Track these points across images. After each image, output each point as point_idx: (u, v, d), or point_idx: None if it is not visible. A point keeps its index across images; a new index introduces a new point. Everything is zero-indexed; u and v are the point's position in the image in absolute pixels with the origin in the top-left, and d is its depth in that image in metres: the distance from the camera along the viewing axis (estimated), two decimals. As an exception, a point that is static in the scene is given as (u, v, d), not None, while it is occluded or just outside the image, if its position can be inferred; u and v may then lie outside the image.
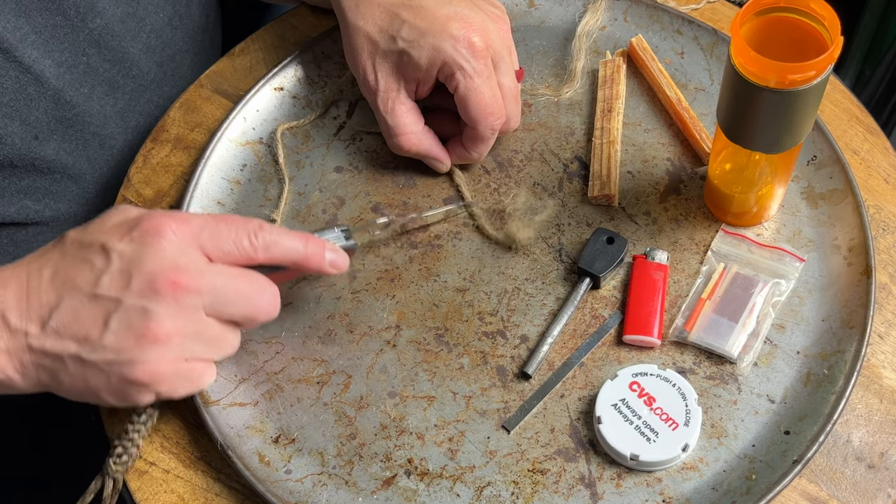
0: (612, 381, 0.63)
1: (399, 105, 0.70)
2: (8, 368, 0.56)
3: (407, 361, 0.67)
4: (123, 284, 0.55)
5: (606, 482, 0.62)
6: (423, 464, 0.63)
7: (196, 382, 0.59)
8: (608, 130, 0.74)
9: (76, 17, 0.70)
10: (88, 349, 0.55)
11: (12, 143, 0.69)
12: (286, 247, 0.60)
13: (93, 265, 0.56)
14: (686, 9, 0.81)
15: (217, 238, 0.58)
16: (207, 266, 0.57)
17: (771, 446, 0.62)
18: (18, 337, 0.56)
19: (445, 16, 0.68)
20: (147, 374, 0.56)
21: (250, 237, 0.58)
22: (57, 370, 0.56)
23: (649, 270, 0.68)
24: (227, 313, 0.58)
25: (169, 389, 0.57)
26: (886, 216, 0.71)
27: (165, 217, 0.57)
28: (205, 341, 0.57)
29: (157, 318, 0.55)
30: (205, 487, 0.64)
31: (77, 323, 0.55)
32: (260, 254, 0.59)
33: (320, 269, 0.62)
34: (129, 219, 0.58)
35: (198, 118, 0.78)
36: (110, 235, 0.57)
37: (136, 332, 0.55)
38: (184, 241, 0.56)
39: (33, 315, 0.56)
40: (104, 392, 0.57)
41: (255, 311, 0.59)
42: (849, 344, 0.65)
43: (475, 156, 0.72)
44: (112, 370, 0.56)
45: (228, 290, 0.57)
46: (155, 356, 0.55)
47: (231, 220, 0.59)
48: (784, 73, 0.56)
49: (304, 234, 0.61)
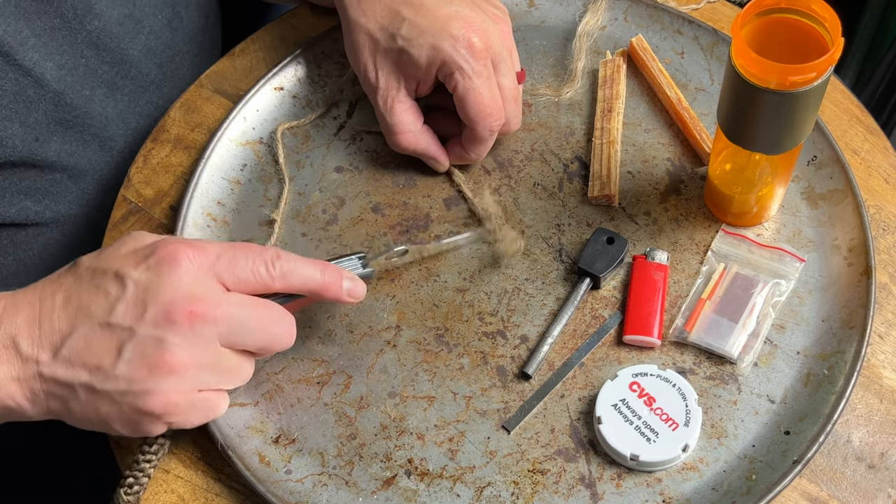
0: (612, 382, 0.63)
1: (398, 103, 0.70)
2: (18, 396, 0.55)
3: (407, 361, 0.67)
4: (138, 314, 0.54)
5: (606, 482, 0.62)
6: (423, 464, 0.63)
7: (209, 413, 0.58)
8: (608, 130, 0.74)
9: (74, 19, 0.70)
10: (101, 378, 0.54)
11: (13, 144, 0.69)
12: (303, 276, 0.59)
13: (107, 293, 0.55)
14: (686, 9, 0.81)
15: (234, 266, 0.56)
16: (224, 295, 0.56)
17: (771, 446, 0.62)
18: (30, 364, 0.55)
19: (446, 15, 0.68)
20: (160, 405, 0.55)
21: (267, 266, 0.57)
22: (67, 399, 0.55)
23: (649, 270, 0.68)
24: (242, 343, 0.57)
25: (182, 420, 0.56)
26: (886, 216, 0.71)
27: (181, 244, 0.56)
28: (219, 372, 0.56)
29: (172, 348, 0.54)
30: (205, 487, 0.64)
31: (89, 352, 0.54)
32: (277, 283, 0.58)
33: (338, 297, 0.61)
34: (145, 245, 0.57)
35: (198, 118, 0.78)
36: (125, 263, 0.56)
37: (150, 363, 0.54)
38: (200, 269, 0.55)
39: (45, 342, 0.55)
40: (115, 422, 0.56)
41: (271, 341, 0.58)
42: (849, 344, 0.65)
43: (474, 156, 0.72)
44: (124, 400, 0.54)
45: (245, 320, 0.56)
46: (168, 387, 0.54)
47: (248, 249, 0.58)
48: (785, 75, 0.56)
49: (322, 263, 0.60)
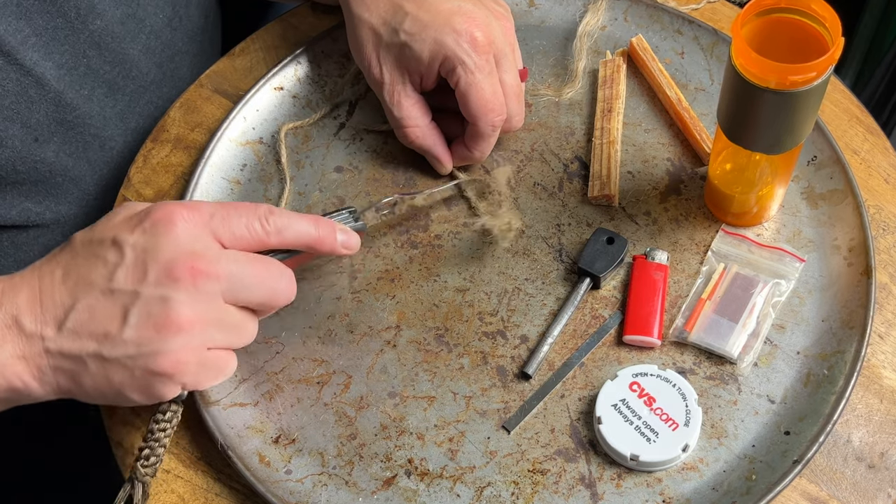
0: (612, 382, 0.63)
1: (405, 98, 0.71)
2: (25, 375, 0.55)
3: (407, 361, 0.67)
4: (140, 276, 0.54)
5: (606, 482, 0.62)
6: (423, 464, 0.63)
7: (220, 371, 0.58)
8: (608, 130, 0.74)
9: (76, 19, 0.70)
10: (109, 346, 0.54)
11: (13, 145, 0.69)
12: (298, 230, 0.59)
13: (106, 260, 0.55)
14: (686, 9, 0.81)
15: (229, 223, 0.57)
16: (223, 252, 0.56)
17: (771, 446, 0.62)
18: (34, 341, 0.54)
19: (449, 10, 0.68)
20: (171, 365, 0.54)
21: (262, 221, 0.58)
22: (77, 372, 0.55)
23: (649, 270, 0.68)
24: (245, 299, 0.57)
25: (193, 380, 0.56)
26: (886, 216, 0.71)
27: (175, 205, 0.56)
28: (226, 328, 0.56)
29: (178, 305, 0.54)
30: (205, 487, 0.64)
31: (94, 320, 0.54)
32: (272, 237, 0.58)
33: (333, 250, 0.61)
34: (138, 212, 0.57)
35: (198, 118, 0.78)
36: (120, 229, 0.56)
37: (157, 322, 0.54)
38: (196, 227, 0.56)
39: (48, 317, 0.55)
40: (128, 389, 0.55)
41: (272, 296, 0.58)
42: (849, 344, 0.65)
43: (477, 154, 0.72)
44: (135, 364, 0.54)
45: (245, 275, 0.56)
46: (178, 345, 0.54)
47: (241, 206, 0.58)
48: (785, 75, 0.56)
49: (315, 217, 0.61)
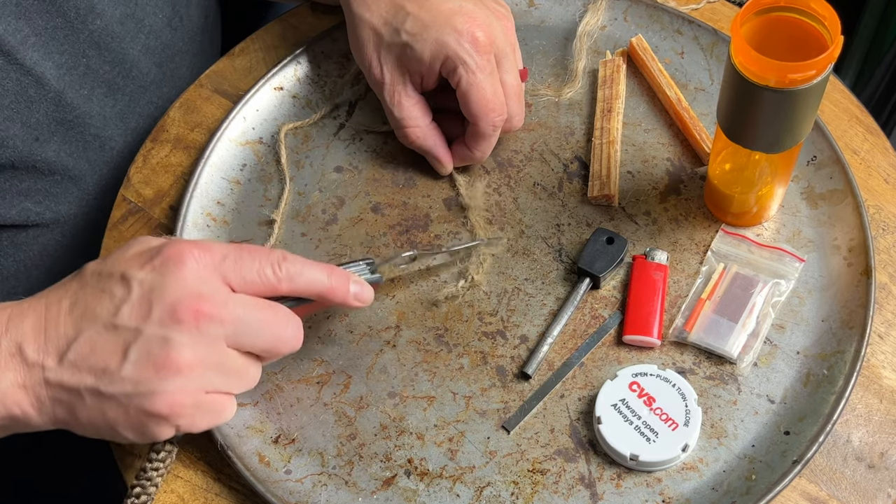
0: (612, 382, 0.63)
1: (406, 98, 0.71)
2: (24, 403, 0.55)
3: (407, 361, 0.67)
4: (144, 314, 0.54)
5: (606, 482, 0.62)
6: (423, 464, 0.63)
7: (217, 416, 0.57)
8: (608, 130, 0.74)
9: (76, 18, 0.70)
10: (107, 381, 0.54)
11: (13, 145, 0.69)
12: (310, 278, 0.58)
13: (112, 295, 0.55)
14: (686, 9, 0.81)
15: (240, 267, 0.56)
16: (230, 296, 0.55)
17: (771, 446, 0.62)
18: (35, 371, 0.54)
19: (450, 10, 0.68)
20: (167, 406, 0.54)
21: (274, 267, 0.57)
22: (74, 405, 0.55)
23: (649, 270, 0.68)
24: (249, 344, 0.56)
25: (189, 423, 0.55)
26: (886, 216, 0.71)
27: (187, 245, 0.55)
28: (226, 373, 0.56)
29: (178, 347, 0.53)
30: (205, 487, 0.64)
31: (95, 355, 0.54)
32: (283, 285, 0.57)
33: (345, 301, 0.60)
34: (150, 248, 0.56)
35: (198, 118, 0.78)
36: (131, 265, 0.55)
37: (157, 362, 0.53)
38: (206, 269, 0.55)
39: (51, 348, 0.54)
40: (122, 427, 0.55)
41: (277, 343, 0.57)
42: (849, 344, 0.64)
43: (478, 154, 0.72)
44: (131, 403, 0.54)
45: (251, 321, 0.55)
46: (175, 387, 0.53)
47: (254, 250, 0.57)
48: (784, 73, 0.56)
49: (329, 266, 0.60)
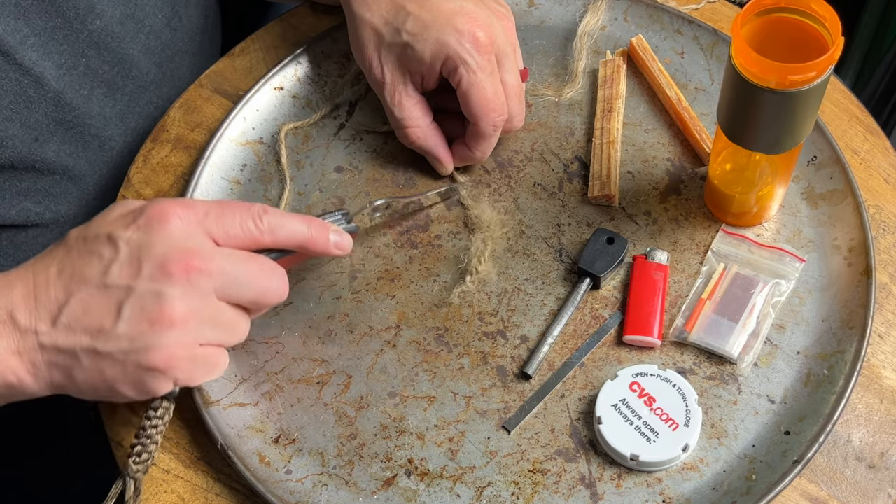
0: (613, 382, 0.63)
1: (406, 98, 0.71)
2: (20, 370, 0.55)
3: (407, 361, 0.67)
4: (134, 271, 0.55)
5: (606, 482, 0.62)
6: (423, 464, 0.63)
7: (212, 368, 0.58)
8: (608, 130, 0.74)
9: (75, 18, 0.70)
10: (103, 340, 0.55)
11: (13, 145, 0.69)
12: (291, 229, 0.60)
13: (101, 256, 0.56)
14: (686, 9, 0.81)
15: (223, 221, 0.57)
16: (216, 249, 0.57)
17: (771, 446, 0.62)
18: (29, 336, 0.55)
19: (451, 10, 0.68)
20: (163, 360, 0.55)
21: (255, 220, 0.58)
22: (71, 367, 0.55)
23: (649, 270, 0.68)
24: (237, 296, 0.57)
25: (186, 376, 0.57)
26: (886, 216, 0.71)
27: (170, 203, 0.57)
28: (218, 326, 0.57)
29: (171, 300, 0.54)
30: (205, 487, 0.64)
31: (88, 315, 0.55)
32: (266, 236, 0.59)
33: (325, 250, 0.62)
34: (133, 209, 0.58)
35: (198, 118, 0.78)
36: (115, 226, 0.57)
37: (151, 317, 0.54)
38: (190, 225, 0.56)
39: (42, 312, 0.55)
40: (121, 384, 0.56)
41: (265, 294, 0.59)
42: (849, 344, 0.65)
43: (478, 154, 0.72)
44: (128, 359, 0.55)
45: (239, 273, 0.57)
46: (170, 340, 0.55)
47: (235, 205, 0.59)
48: (784, 74, 0.56)
49: (308, 217, 0.62)
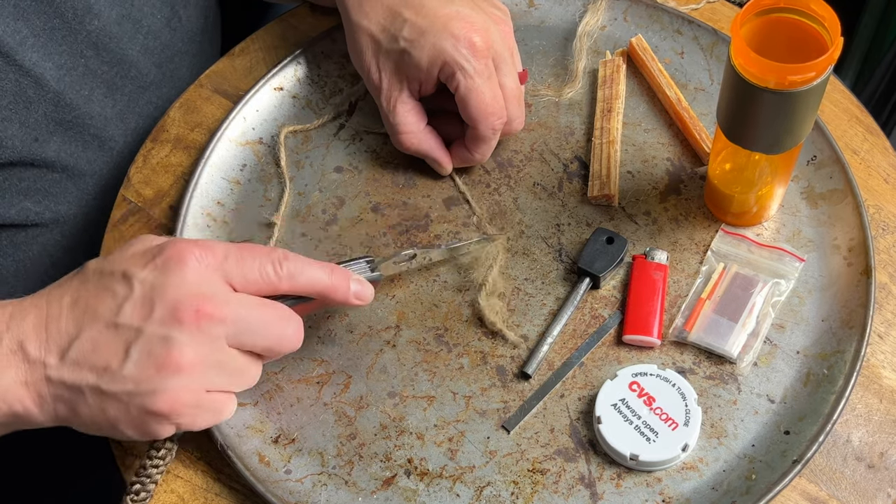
0: (612, 381, 0.63)
1: (401, 104, 0.71)
2: (26, 400, 0.55)
3: (407, 361, 0.67)
4: (146, 313, 0.54)
5: (606, 482, 0.62)
6: (423, 464, 0.63)
7: (217, 414, 0.57)
8: (608, 130, 0.74)
9: (74, 19, 0.70)
10: (108, 379, 0.54)
11: (12, 145, 0.69)
12: (311, 277, 0.59)
13: (114, 293, 0.55)
14: (686, 9, 0.81)
15: (242, 266, 0.56)
16: (231, 295, 0.56)
17: (771, 446, 0.62)
18: (37, 368, 0.55)
19: (447, 15, 0.68)
20: (167, 405, 0.54)
21: (275, 266, 0.57)
22: (75, 402, 0.55)
23: (649, 270, 0.68)
24: (249, 343, 0.56)
25: (189, 421, 0.56)
26: (886, 216, 0.71)
27: (189, 244, 0.56)
28: (227, 372, 0.56)
29: (179, 346, 0.53)
30: (205, 487, 0.64)
31: (96, 353, 0.54)
32: (284, 283, 0.58)
33: (345, 300, 0.61)
34: (152, 247, 0.57)
35: (198, 118, 0.78)
36: (132, 263, 0.56)
37: (158, 361, 0.53)
38: (208, 269, 0.55)
39: (52, 345, 0.55)
40: (123, 424, 0.55)
41: (278, 342, 0.57)
42: (849, 344, 0.65)
43: (478, 157, 0.72)
44: (132, 401, 0.54)
45: (252, 320, 0.56)
46: (176, 386, 0.54)
47: (255, 249, 0.58)
48: (784, 74, 0.56)
49: (329, 265, 0.60)
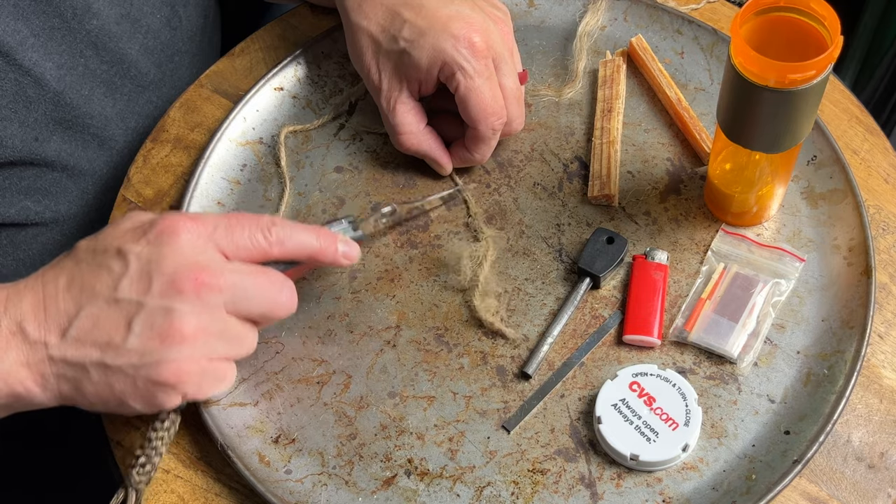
0: (612, 381, 0.63)
1: (401, 104, 0.71)
2: (28, 381, 0.55)
3: (407, 361, 0.67)
4: (144, 286, 0.55)
5: (606, 482, 0.62)
6: (423, 464, 0.63)
7: (220, 381, 0.58)
8: (608, 130, 0.74)
9: (73, 18, 0.70)
10: (112, 354, 0.55)
11: (12, 144, 0.69)
12: (300, 241, 0.60)
13: (110, 270, 0.56)
14: (686, 9, 0.81)
15: (232, 235, 0.58)
16: (226, 263, 0.57)
17: (771, 446, 0.62)
18: (38, 348, 0.55)
19: (447, 15, 0.68)
20: (174, 375, 0.55)
21: (264, 232, 0.59)
22: (80, 380, 0.55)
23: (649, 270, 0.68)
24: (246, 310, 0.58)
25: (195, 390, 0.57)
26: (886, 216, 0.71)
27: (179, 217, 0.57)
28: (227, 339, 0.57)
29: (182, 316, 0.54)
30: (205, 487, 0.64)
31: (98, 329, 0.55)
32: (275, 248, 0.59)
33: (334, 260, 0.62)
34: (143, 222, 0.57)
35: (198, 118, 0.78)
36: (125, 239, 0.56)
37: (161, 332, 0.54)
38: (200, 239, 0.56)
39: (52, 325, 0.55)
40: (130, 397, 0.56)
41: (274, 307, 0.59)
42: (849, 344, 0.64)
43: (478, 157, 0.72)
44: (138, 373, 0.55)
45: (248, 287, 0.57)
46: (181, 355, 0.55)
47: (244, 217, 0.59)
48: (784, 73, 0.56)
49: (316, 228, 0.62)
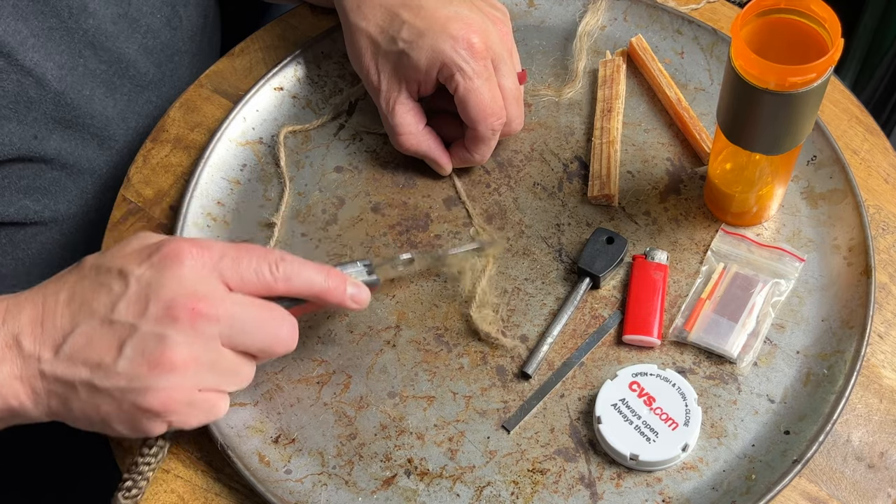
0: (612, 381, 0.63)
1: (400, 105, 0.71)
2: (21, 395, 0.55)
3: (407, 361, 0.67)
4: (140, 310, 0.54)
5: (606, 482, 0.62)
6: (423, 464, 0.63)
7: (209, 413, 0.57)
8: (608, 130, 0.74)
9: (69, 18, 0.70)
10: (101, 376, 0.54)
11: (11, 142, 0.69)
12: (307, 279, 0.58)
13: (110, 289, 0.55)
14: (686, 9, 0.81)
15: (237, 266, 0.56)
16: (226, 294, 0.56)
17: (771, 446, 0.62)
18: (31, 363, 0.55)
19: (445, 16, 0.68)
20: (160, 403, 0.54)
21: (271, 267, 0.57)
22: (68, 397, 0.55)
23: (649, 270, 0.68)
24: (243, 344, 0.56)
25: (181, 420, 0.56)
26: (886, 216, 0.71)
27: (186, 243, 0.56)
28: (220, 371, 0.56)
29: (173, 345, 0.54)
30: (205, 487, 0.64)
31: (90, 349, 0.54)
32: (280, 285, 0.57)
33: (341, 302, 0.60)
34: (150, 244, 0.57)
35: (198, 118, 0.78)
36: (129, 260, 0.56)
37: (151, 359, 0.54)
38: (204, 268, 0.55)
39: (47, 340, 0.55)
40: (115, 421, 0.56)
41: (272, 343, 0.57)
42: (849, 344, 0.65)
43: (478, 157, 0.72)
44: (124, 398, 0.54)
45: (247, 320, 0.56)
46: (169, 384, 0.54)
47: (252, 250, 0.57)
48: (784, 76, 0.56)
49: (326, 267, 0.60)
